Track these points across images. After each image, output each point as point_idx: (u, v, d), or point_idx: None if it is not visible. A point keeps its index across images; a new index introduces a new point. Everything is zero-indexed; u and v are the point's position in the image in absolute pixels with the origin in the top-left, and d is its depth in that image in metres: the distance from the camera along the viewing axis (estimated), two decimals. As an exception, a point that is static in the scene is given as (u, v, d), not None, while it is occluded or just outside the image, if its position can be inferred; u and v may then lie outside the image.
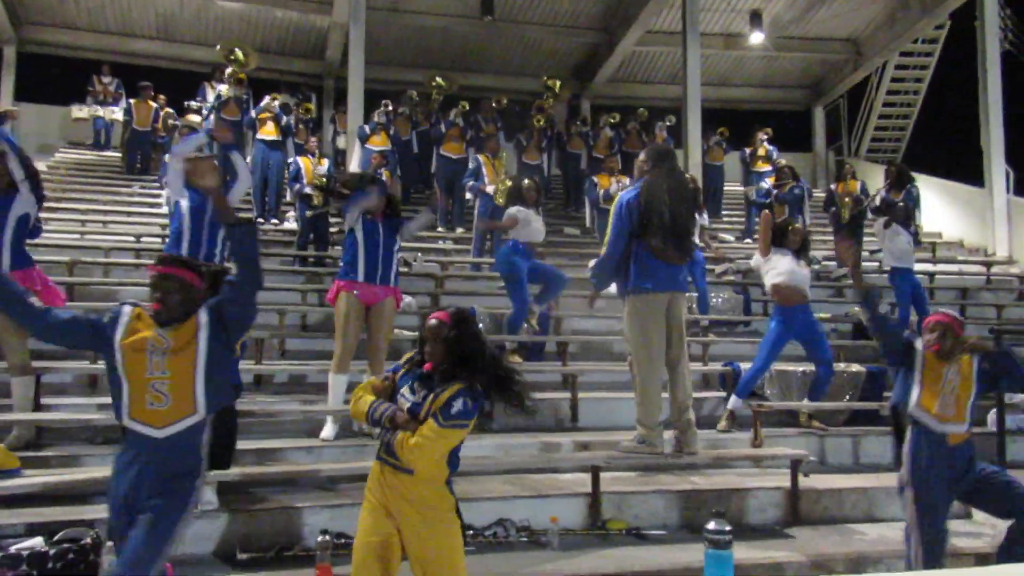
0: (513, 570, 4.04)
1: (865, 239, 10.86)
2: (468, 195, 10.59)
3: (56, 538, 3.58)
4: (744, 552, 4.14)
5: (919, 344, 4.07)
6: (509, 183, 10.25)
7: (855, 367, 7.05)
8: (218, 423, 3.15)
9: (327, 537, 3.88)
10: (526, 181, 7.68)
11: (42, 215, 5.42)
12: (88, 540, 3.61)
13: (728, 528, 2.55)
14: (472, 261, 10.15)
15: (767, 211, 7.22)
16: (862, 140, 17.26)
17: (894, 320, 6.64)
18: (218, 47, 12.66)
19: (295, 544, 4.18)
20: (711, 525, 2.55)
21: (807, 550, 4.51)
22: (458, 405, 2.87)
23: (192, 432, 2.94)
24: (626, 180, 10.41)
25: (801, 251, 6.45)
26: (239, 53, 12.06)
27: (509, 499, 4.74)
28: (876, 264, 10.46)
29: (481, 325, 7.48)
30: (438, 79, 13.59)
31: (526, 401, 3.07)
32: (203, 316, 2.97)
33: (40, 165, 12.37)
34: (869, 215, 11.19)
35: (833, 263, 10.48)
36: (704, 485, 5.15)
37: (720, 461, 5.54)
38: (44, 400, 5.38)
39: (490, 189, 10.01)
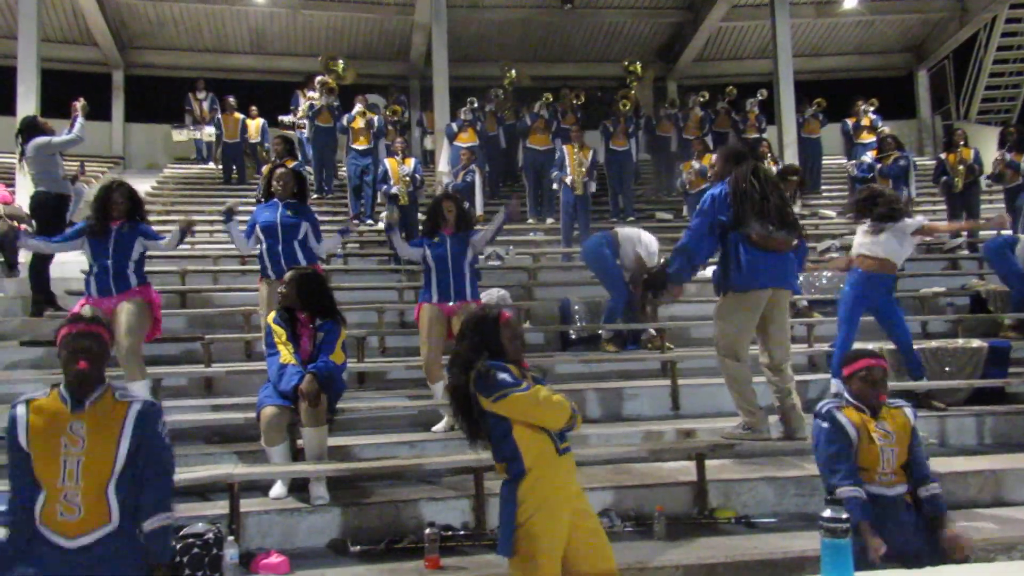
0: (620, 560, 3.99)
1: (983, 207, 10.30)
2: (554, 185, 10.60)
3: (181, 533, 3.76)
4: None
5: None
6: (586, 178, 10.23)
7: (975, 342, 6.64)
8: None
9: (434, 529, 3.96)
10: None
11: (154, 228, 5.70)
12: (211, 535, 3.78)
13: (845, 516, 2.43)
14: (563, 251, 10.13)
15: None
16: (971, 102, 16.23)
17: None
18: (319, 58, 13.07)
19: (404, 536, 4.26)
20: (827, 512, 2.44)
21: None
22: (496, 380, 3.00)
23: (110, 541, 2.78)
24: (699, 165, 10.20)
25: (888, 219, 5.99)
26: (339, 65, 12.43)
27: (613, 489, 4.69)
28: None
29: (577, 316, 7.58)
30: (511, 71, 13.63)
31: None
32: (131, 416, 2.86)
33: (150, 181, 13.17)
34: (984, 183, 10.56)
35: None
36: (816, 471, 4.94)
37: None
38: (164, 403, 5.67)
39: (568, 180, 9.96)
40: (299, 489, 4.68)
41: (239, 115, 13.59)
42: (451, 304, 5.62)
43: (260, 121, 13.78)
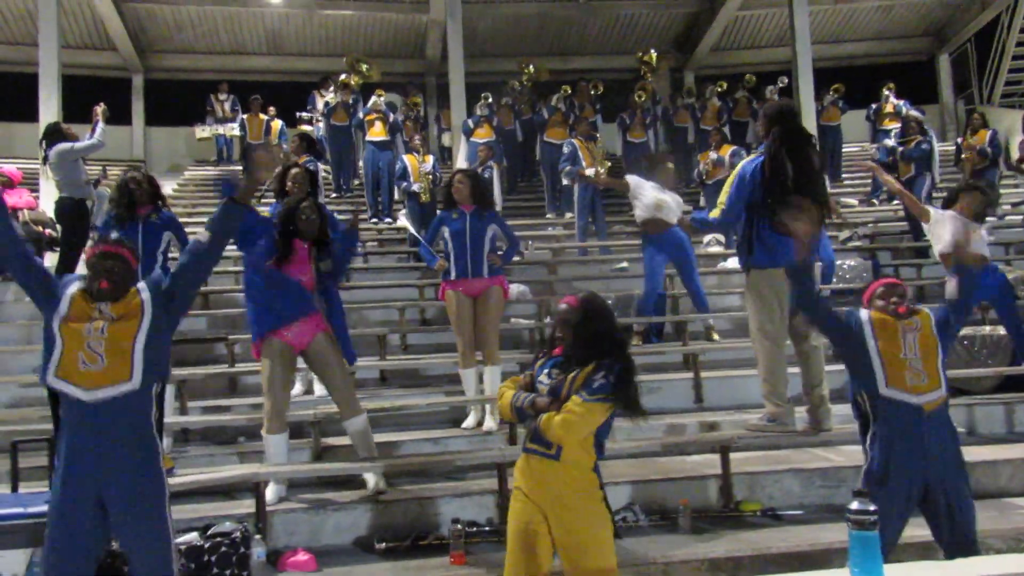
0: (646, 554, 3.98)
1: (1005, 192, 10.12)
2: (565, 180, 10.48)
3: (209, 532, 3.79)
4: (890, 531, 3.91)
5: (864, 314, 3.45)
6: (609, 164, 10.16)
7: (1002, 330, 6.55)
8: None
9: (459, 526, 3.97)
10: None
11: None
12: (238, 533, 3.81)
13: (873, 508, 2.41)
14: (579, 246, 10.10)
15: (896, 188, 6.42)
16: (995, 86, 15.94)
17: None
18: (345, 58, 13.13)
19: (429, 532, 4.28)
20: (854, 505, 2.41)
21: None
22: (599, 379, 2.86)
23: (128, 402, 2.82)
24: (716, 155, 10.11)
25: (977, 217, 5.89)
26: (363, 65, 12.47)
27: (637, 483, 4.68)
28: (1021, 218, 9.73)
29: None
30: (530, 67, 13.59)
31: (639, 405, 2.98)
32: (143, 289, 2.98)
33: (172, 183, 13.28)
34: (1004, 169, 10.38)
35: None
36: (842, 462, 4.90)
37: (859, 437, 5.26)
38: (189, 403, 5.73)
39: (590, 172, 9.90)
40: (321, 487, 4.72)
41: (263, 116, 13.67)
42: (469, 280, 5.59)
43: (279, 123, 13.86)
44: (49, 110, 10.09)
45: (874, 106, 12.60)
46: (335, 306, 4.69)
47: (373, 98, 11.53)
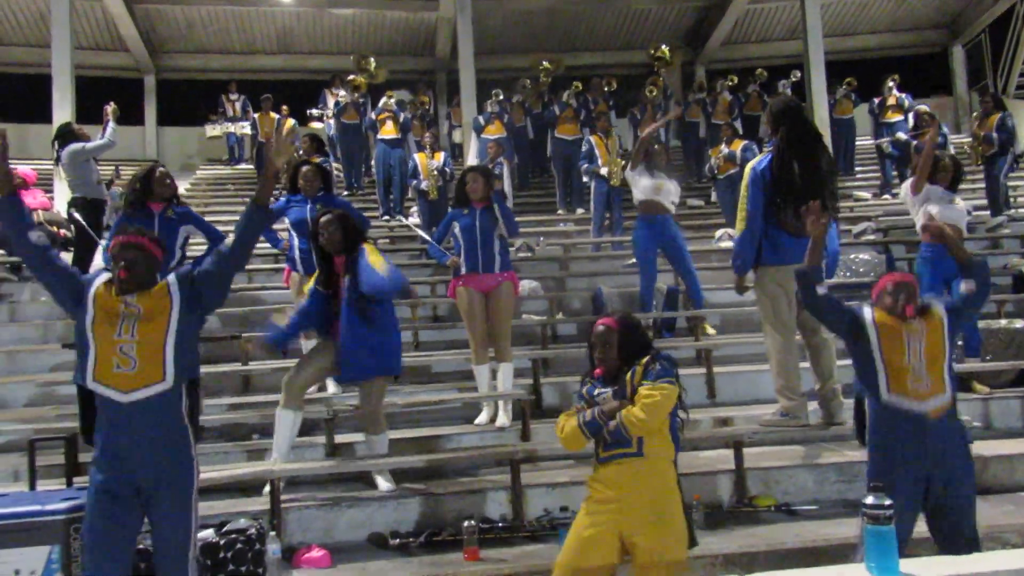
0: (659, 550, 3.98)
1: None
2: (585, 178, 10.48)
3: (224, 529, 3.82)
4: (906, 526, 3.89)
5: (870, 315, 3.37)
6: (622, 163, 10.12)
7: (1019, 322, 6.50)
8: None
9: (472, 522, 3.98)
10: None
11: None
12: (253, 530, 3.83)
13: (888, 502, 2.39)
14: (593, 241, 10.08)
15: (930, 143, 6.46)
16: (1009, 77, 15.78)
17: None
18: (352, 57, 13.15)
19: (443, 529, 4.28)
20: (869, 499, 2.40)
21: (977, 522, 4.19)
22: (658, 368, 3.01)
23: (162, 400, 2.88)
24: (728, 150, 10.05)
25: (952, 186, 5.97)
26: (371, 63, 12.48)
27: (650, 478, 4.67)
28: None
29: (610, 306, 7.55)
30: (544, 63, 13.54)
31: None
32: (173, 284, 2.97)
33: (184, 183, 13.35)
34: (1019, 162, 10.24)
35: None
36: (857, 457, 4.85)
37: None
38: (203, 401, 5.75)
39: (604, 171, 9.88)
40: (335, 484, 4.74)
41: (275, 115, 13.71)
42: (479, 275, 5.59)
43: (291, 122, 13.88)
44: (62, 111, 10.16)
45: (876, 100, 12.47)
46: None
47: (384, 98, 11.55)
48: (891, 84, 12.33)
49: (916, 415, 3.23)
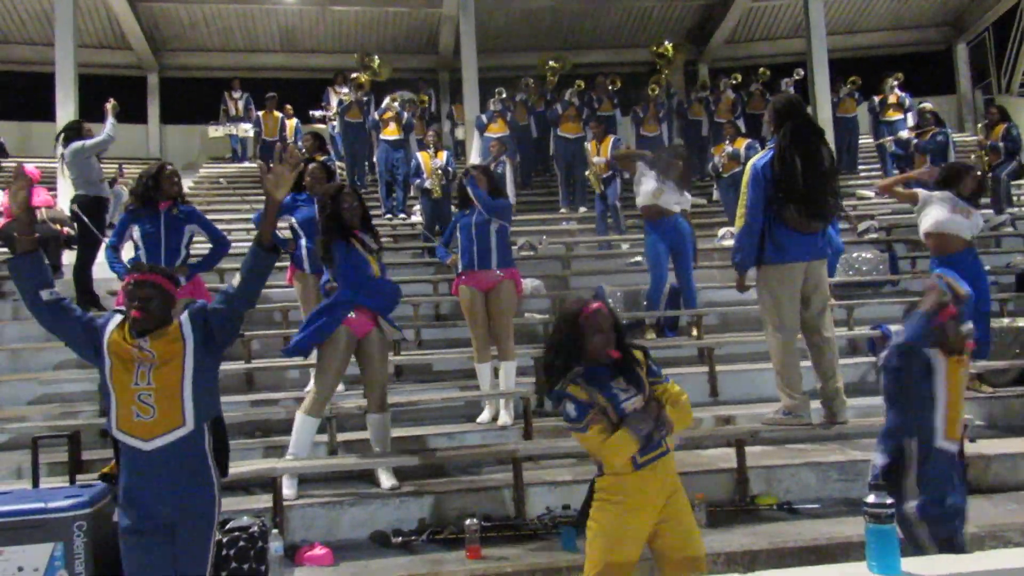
0: (661, 548, 3.98)
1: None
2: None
3: (227, 527, 3.82)
4: (908, 525, 3.89)
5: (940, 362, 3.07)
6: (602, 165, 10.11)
7: (1022, 321, 6.50)
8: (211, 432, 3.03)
9: (474, 520, 3.99)
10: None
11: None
12: (256, 528, 3.84)
13: (890, 501, 2.39)
14: (594, 240, 10.07)
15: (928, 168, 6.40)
16: (1013, 75, 15.75)
17: None
18: (355, 55, 13.16)
19: (445, 527, 4.29)
20: (871, 498, 2.39)
21: (979, 520, 4.18)
22: (652, 364, 3.01)
23: (184, 444, 2.87)
24: (731, 148, 10.04)
25: (973, 199, 5.91)
26: (375, 62, 12.49)
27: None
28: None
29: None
30: (551, 62, 13.54)
31: None
32: (186, 324, 2.92)
33: (187, 181, 13.36)
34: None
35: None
36: (859, 456, 4.88)
37: (874, 430, 5.23)
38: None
39: (597, 160, 9.84)
40: (338, 482, 4.74)
41: (278, 113, 13.71)
42: (477, 272, 5.61)
43: (294, 121, 13.90)
44: (66, 109, 10.18)
45: (877, 98, 12.45)
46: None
47: (387, 100, 11.55)
48: (893, 83, 12.31)
49: (951, 455, 3.16)
